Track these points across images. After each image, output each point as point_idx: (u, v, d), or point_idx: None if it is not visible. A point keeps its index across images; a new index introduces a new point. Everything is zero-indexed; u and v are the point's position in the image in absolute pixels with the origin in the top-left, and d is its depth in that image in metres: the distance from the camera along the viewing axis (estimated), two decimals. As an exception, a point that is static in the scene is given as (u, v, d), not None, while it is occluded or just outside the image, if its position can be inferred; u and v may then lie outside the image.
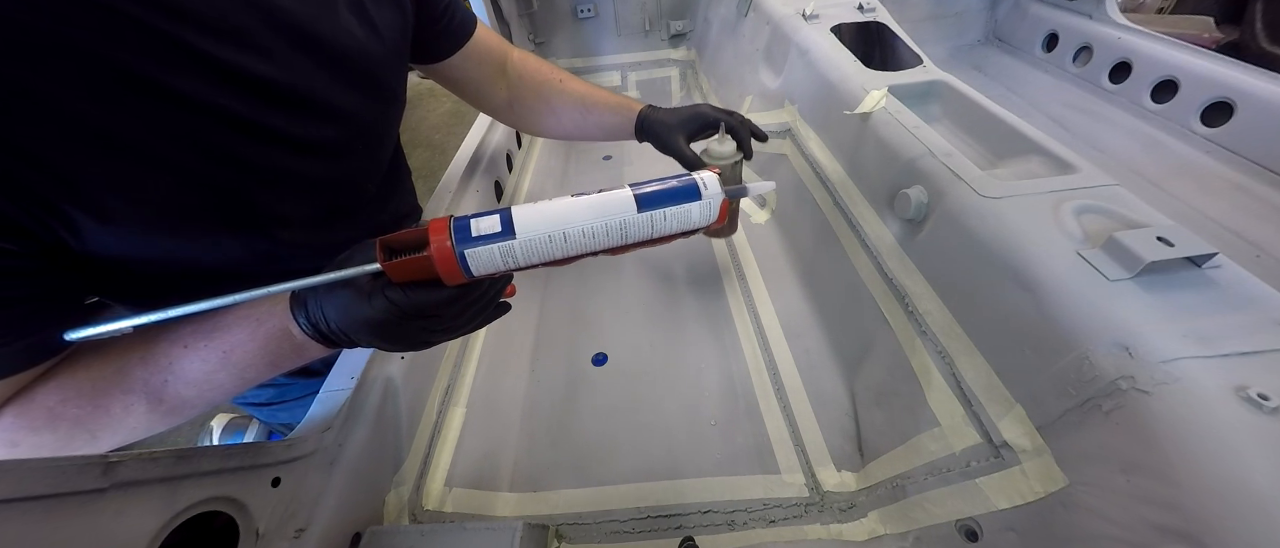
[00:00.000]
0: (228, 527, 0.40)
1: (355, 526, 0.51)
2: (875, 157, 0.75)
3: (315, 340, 0.40)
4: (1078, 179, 0.56)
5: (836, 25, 1.03)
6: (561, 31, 1.76)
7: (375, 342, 0.39)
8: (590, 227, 0.36)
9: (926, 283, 0.62)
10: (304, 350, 0.42)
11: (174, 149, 0.38)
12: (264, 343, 0.40)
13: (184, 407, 0.41)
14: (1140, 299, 0.43)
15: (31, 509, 0.28)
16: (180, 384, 0.40)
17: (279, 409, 0.72)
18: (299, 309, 0.39)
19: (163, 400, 0.40)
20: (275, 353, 0.41)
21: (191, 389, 0.40)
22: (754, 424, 0.73)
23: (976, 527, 0.49)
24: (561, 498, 0.67)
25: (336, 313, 0.38)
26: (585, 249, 0.37)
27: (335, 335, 0.39)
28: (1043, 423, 0.45)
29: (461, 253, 0.34)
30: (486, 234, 0.34)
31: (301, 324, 0.39)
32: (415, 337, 0.40)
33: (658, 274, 1.01)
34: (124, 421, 0.39)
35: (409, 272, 0.34)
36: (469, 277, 0.35)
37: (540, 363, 0.85)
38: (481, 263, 0.34)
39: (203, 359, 0.40)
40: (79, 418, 0.38)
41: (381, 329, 0.37)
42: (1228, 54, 1.09)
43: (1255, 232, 0.92)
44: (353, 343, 0.40)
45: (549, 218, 0.35)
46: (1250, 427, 0.34)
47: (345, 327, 0.38)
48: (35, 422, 0.36)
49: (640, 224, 0.37)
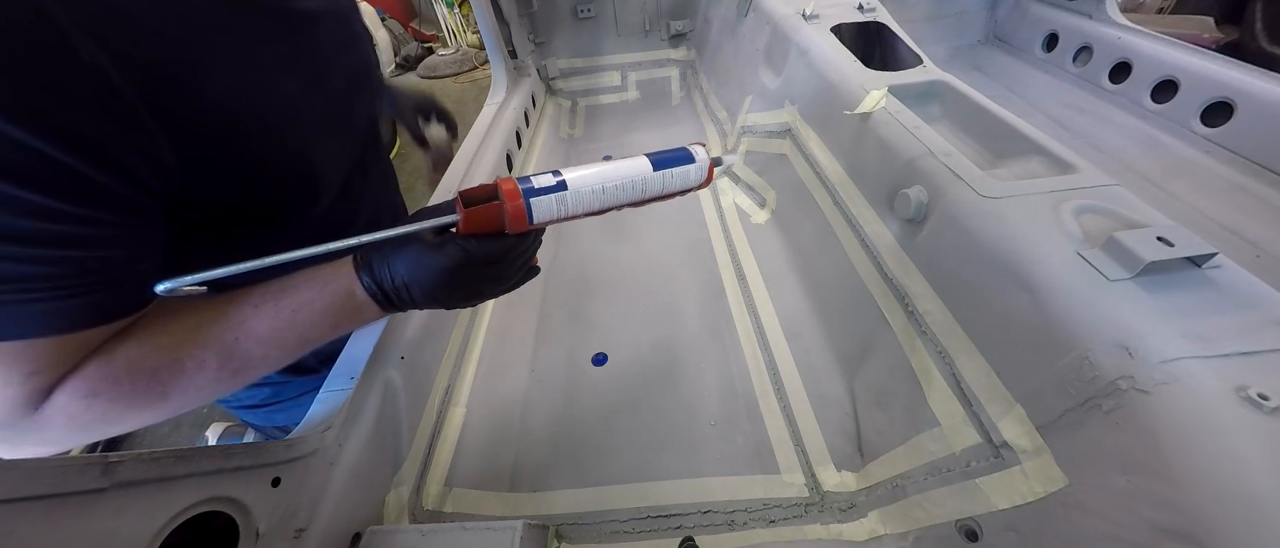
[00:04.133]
0: (228, 527, 0.40)
1: (355, 526, 0.51)
2: (875, 157, 0.75)
3: (376, 301, 0.43)
4: (1078, 179, 0.56)
5: (836, 25, 1.03)
6: (561, 31, 1.76)
7: (437, 295, 0.43)
8: (621, 181, 0.44)
9: (926, 283, 0.62)
10: (363, 312, 0.44)
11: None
12: (329, 303, 0.43)
13: (250, 365, 0.42)
14: (1140, 299, 0.43)
15: (31, 509, 0.28)
16: (249, 342, 0.41)
17: (275, 410, 0.72)
18: (363, 269, 0.43)
19: (232, 357, 0.41)
20: (338, 313, 0.44)
21: (259, 347, 0.42)
22: (754, 424, 0.73)
23: (976, 527, 0.49)
24: (561, 498, 0.67)
25: (407, 266, 0.42)
26: (617, 201, 0.45)
27: (397, 292, 0.43)
28: (1043, 423, 0.45)
29: (528, 202, 0.40)
30: (545, 187, 0.41)
31: (365, 283, 0.43)
32: (476, 287, 0.44)
33: (658, 274, 1.01)
34: (195, 378, 0.40)
35: (482, 220, 0.40)
36: (530, 224, 0.42)
37: (540, 363, 0.85)
38: (542, 211, 0.41)
39: (272, 317, 0.42)
40: (155, 371, 0.38)
41: (451, 277, 0.41)
42: (1228, 54, 1.09)
43: (1255, 232, 0.93)
44: (410, 302, 0.44)
45: (591, 175, 0.43)
46: (1250, 427, 0.34)
47: (414, 279, 0.42)
48: (115, 373, 0.37)
49: (655, 181, 0.45)
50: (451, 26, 4.32)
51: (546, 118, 1.62)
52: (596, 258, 1.08)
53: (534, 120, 1.52)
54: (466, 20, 4.29)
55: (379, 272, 0.43)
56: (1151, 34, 1.24)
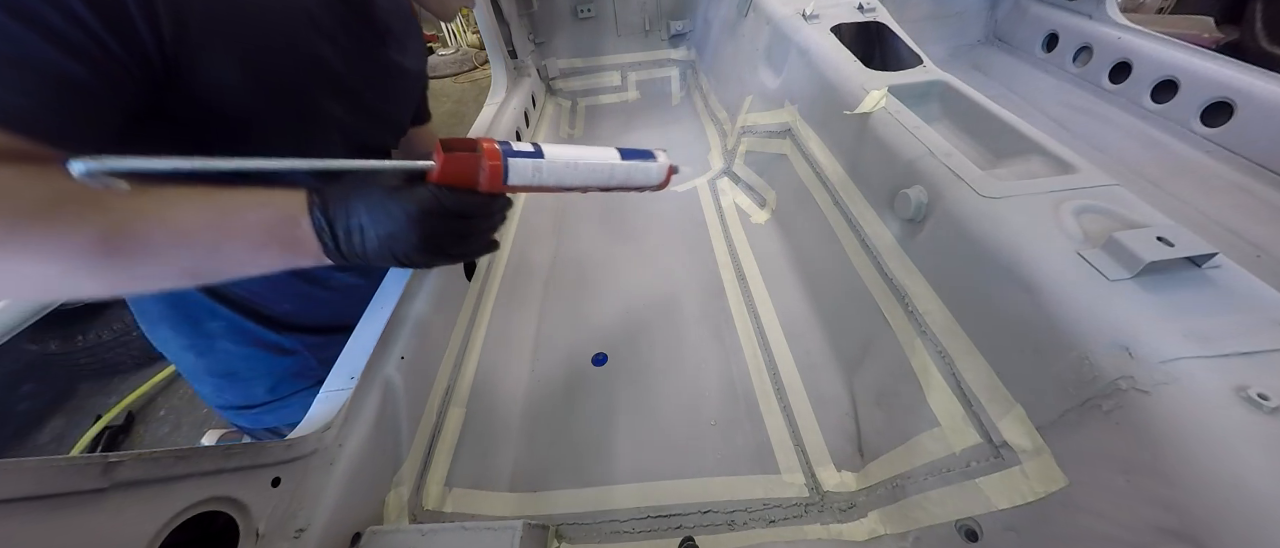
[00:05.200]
0: (228, 527, 0.40)
1: (355, 526, 0.51)
2: (875, 157, 0.75)
3: (320, 239, 0.40)
4: (1078, 179, 0.56)
5: (836, 25, 1.03)
6: (561, 31, 1.76)
7: (393, 243, 0.40)
8: (593, 162, 0.47)
9: (926, 283, 0.62)
10: (300, 247, 0.40)
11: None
12: (266, 222, 0.39)
13: (144, 252, 0.36)
14: (1140, 299, 0.43)
15: (31, 509, 0.28)
16: (151, 223, 0.35)
17: (264, 412, 0.72)
18: (317, 204, 0.40)
19: (123, 231, 0.35)
20: (271, 237, 0.39)
21: (160, 234, 0.36)
22: (754, 425, 0.73)
23: (976, 527, 0.49)
24: (561, 498, 0.67)
25: (368, 206, 0.39)
26: (586, 181, 0.48)
27: (350, 233, 0.40)
28: (1043, 423, 0.45)
29: (506, 161, 0.41)
30: (523, 151, 0.43)
31: (315, 217, 0.39)
32: (437, 241, 0.42)
33: (658, 274, 1.01)
34: (67, 233, 0.33)
35: (459, 169, 0.41)
36: (505, 184, 0.42)
37: (540, 363, 0.85)
38: (518, 173, 0.43)
39: (194, 211, 0.37)
40: (37, 206, 0.32)
41: (415, 225, 0.40)
42: (1228, 54, 1.09)
43: (1255, 232, 0.92)
44: (360, 249, 0.40)
45: (566, 150, 0.46)
46: (1250, 427, 0.34)
47: (373, 221, 0.39)
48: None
49: (621, 170, 0.49)
50: (451, 26, 4.32)
51: (546, 118, 1.62)
52: (596, 258, 1.08)
53: (534, 120, 1.52)
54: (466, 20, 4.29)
55: (335, 208, 0.40)
56: (1151, 34, 1.24)
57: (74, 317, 1.78)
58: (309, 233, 0.40)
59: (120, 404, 1.83)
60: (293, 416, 0.69)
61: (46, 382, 1.95)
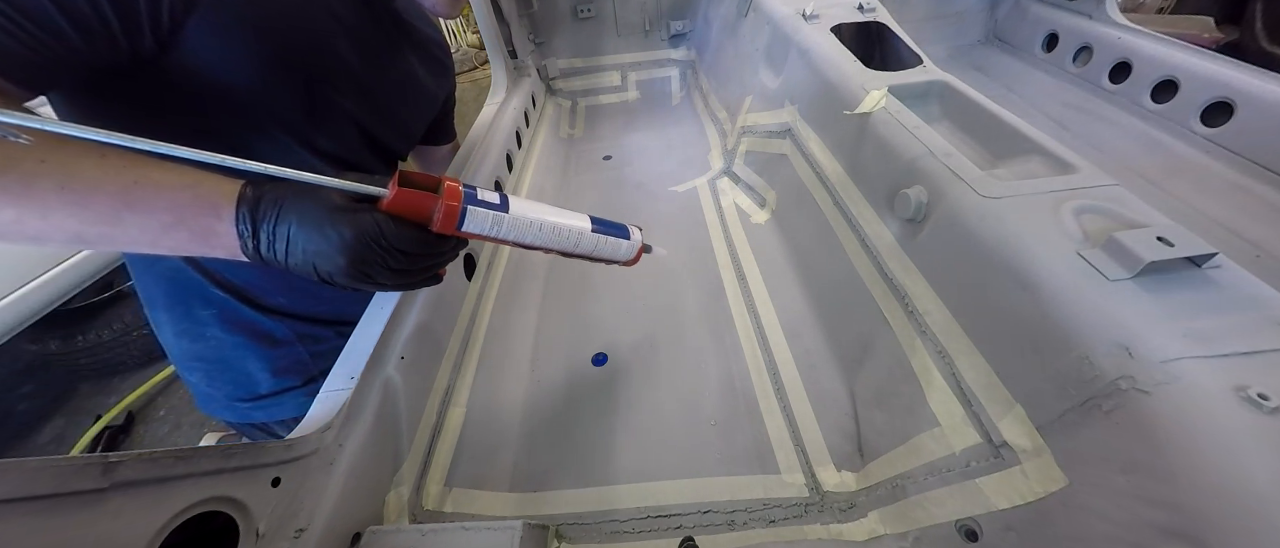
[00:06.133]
0: (228, 527, 0.40)
1: (355, 526, 0.51)
2: (875, 156, 0.75)
3: (239, 238, 0.38)
4: (1078, 179, 0.56)
5: (836, 25, 1.03)
6: (561, 31, 1.76)
7: (319, 261, 0.38)
8: (558, 227, 0.46)
9: (926, 283, 0.62)
10: (211, 238, 0.38)
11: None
12: (182, 200, 0.37)
13: (40, 206, 0.34)
14: (1140, 299, 0.43)
15: (31, 509, 0.28)
16: (55, 179, 0.33)
17: (252, 407, 0.72)
18: (247, 201, 0.38)
19: (29, 191, 0.33)
20: (184, 216, 0.37)
21: (60, 191, 0.34)
22: (754, 424, 0.73)
23: (976, 527, 0.49)
24: (561, 498, 0.67)
25: (301, 220, 0.37)
26: (547, 244, 0.46)
27: (274, 239, 0.38)
28: (1043, 423, 0.45)
29: (466, 206, 0.40)
30: (487, 201, 0.41)
31: (241, 212, 0.37)
32: (367, 270, 0.40)
33: (658, 274, 1.01)
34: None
35: (411, 204, 0.39)
36: (458, 230, 0.41)
37: (540, 363, 0.85)
38: (474, 222, 0.41)
39: (104, 172, 0.35)
40: None
41: (350, 249, 0.38)
42: (1228, 54, 1.09)
43: (1255, 232, 0.92)
44: (282, 257, 0.38)
45: (532, 209, 0.44)
46: (1250, 427, 0.34)
47: (303, 236, 0.37)
48: None
49: (588, 241, 0.49)
50: (451, 26, 4.32)
51: (546, 118, 1.62)
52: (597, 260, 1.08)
53: (534, 120, 1.52)
54: (466, 20, 4.29)
55: (264, 211, 0.38)
56: (1151, 34, 1.24)
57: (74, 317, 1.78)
58: (228, 227, 0.38)
59: (120, 404, 1.83)
60: (282, 413, 0.69)
61: (46, 382, 1.95)
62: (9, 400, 1.91)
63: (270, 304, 0.66)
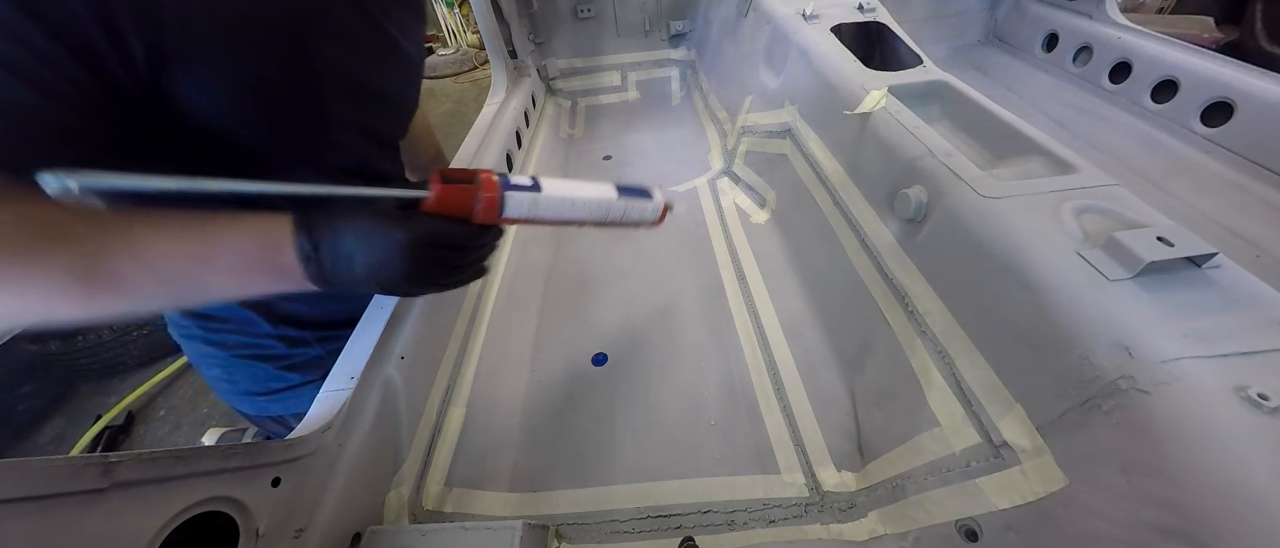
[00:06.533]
0: (228, 527, 0.40)
1: (355, 526, 0.51)
2: (875, 156, 0.75)
3: (305, 266, 0.39)
4: (1078, 179, 0.56)
5: (836, 25, 1.03)
6: (561, 31, 1.76)
7: (383, 272, 0.39)
8: (589, 199, 0.47)
9: (926, 283, 0.62)
10: (285, 275, 0.39)
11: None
12: (248, 252, 0.38)
13: (117, 288, 0.35)
14: (1140, 299, 0.43)
15: (31, 509, 0.28)
16: (127, 259, 0.34)
17: (270, 400, 0.72)
18: (302, 229, 0.38)
19: (97, 270, 0.34)
20: (255, 267, 0.39)
21: (137, 270, 0.35)
22: (754, 424, 0.73)
23: (976, 527, 0.49)
24: (561, 498, 0.67)
25: (358, 235, 0.38)
26: (581, 217, 0.48)
27: (338, 262, 0.38)
28: (1043, 423, 0.45)
29: (504, 195, 0.42)
30: (521, 184, 0.43)
31: (301, 244, 0.38)
32: (427, 271, 0.41)
33: (658, 274, 1.01)
34: (37, 275, 0.33)
35: (455, 200, 0.40)
36: (501, 216, 0.42)
37: (540, 363, 0.85)
38: (514, 206, 0.43)
39: (172, 243, 0.36)
40: (6, 242, 0.32)
41: (407, 254, 0.38)
42: (1228, 54, 1.09)
43: (1255, 232, 0.92)
44: (347, 277, 0.39)
45: (564, 185, 0.46)
46: (1250, 427, 0.34)
47: (362, 249, 0.38)
48: None
49: (618, 207, 0.50)
50: (451, 26, 4.32)
51: (546, 118, 1.62)
52: (596, 258, 1.08)
53: (534, 120, 1.52)
54: (466, 20, 4.29)
55: (320, 235, 0.38)
56: (1151, 34, 1.24)
57: (74, 317, 1.77)
58: (293, 260, 0.39)
59: (120, 404, 1.83)
60: (300, 405, 0.69)
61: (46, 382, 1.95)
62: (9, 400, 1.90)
63: (288, 311, 0.66)
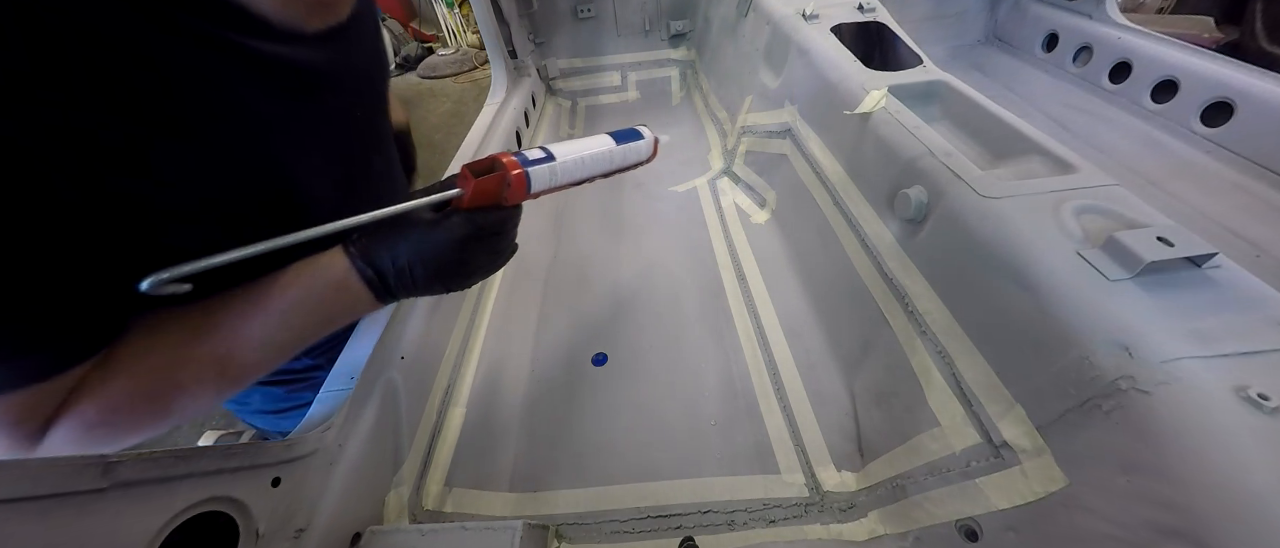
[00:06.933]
0: (228, 527, 0.40)
1: (355, 526, 0.51)
2: (875, 157, 0.75)
3: (371, 288, 0.42)
4: (1078, 179, 0.56)
5: (836, 25, 1.03)
6: (561, 31, 1.76)
7: (443, 273, 0.42)
8: (595, 154, 0.49)
9: (926, 283, 0.62)
10: (358, 304, 0.44)
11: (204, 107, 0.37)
12: (321, 298, 0.42)
13: (247, 372, 0.42)
14: (1140, 299, 0.43)
15: (31, 509, 0.28)
16: (243, 351, 0.41)
17: (284, 417, 0.72)
18: (358, 257, 0.42)
19: (229, 367, 0.41)
20: (331, 307, 0.43)
21: (253, 353, 0.41)
22: (754, 424, 0.73)
23: (976, 527, 0.49)
24: (561, 498, 0.67)
25: (411, 246, 0.41)
26: (591, 172, 0.50)
27: (400, 274, 0.42)
28: (1043, 423, 0.45)
29: (527, 172, 0.43)
30: (538, 158, 0.44)
31: (361, 270, 0.42)
32: (478, 261, 0.44)
33: (658, 274, 1.01)
34: (196, 393, 0.40)
35: (487, 191, 0.42)
36: (528, 193, 0.44)
37: (540, 363, 0.85)
38: (537, 180, 0.44)
39: (262, 324, 0.41)
40: (153, 395, 0.38)
41: (458, 251, 0.42)
42: (1228, 54, 1.09)
43: (1255, 232, 0.93)
44: (411, 285, 0.43)
45: (572, 148, 0.48)
46: (1250, 427, 0.34)
47: (419, 258, 0.41)
48: (114, 404, 0.37)
49: (619, 154, 0.52)
50: (451, 26, 4.32)
51: (546, 118, 1.62)
52: (596, 258, 1.08)
53: (534, 120, 1.52)
54: (466, 20, 4.29)
55: (377, 256, 0.41)
56: (1151, 34, 1.24)
57: (74, 317, 1.77)
58: (361, 289, 0.42)
59: (120, 404, 1.83)
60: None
61: (46, 382, 1.95)
62: (9, 400, 1.90)
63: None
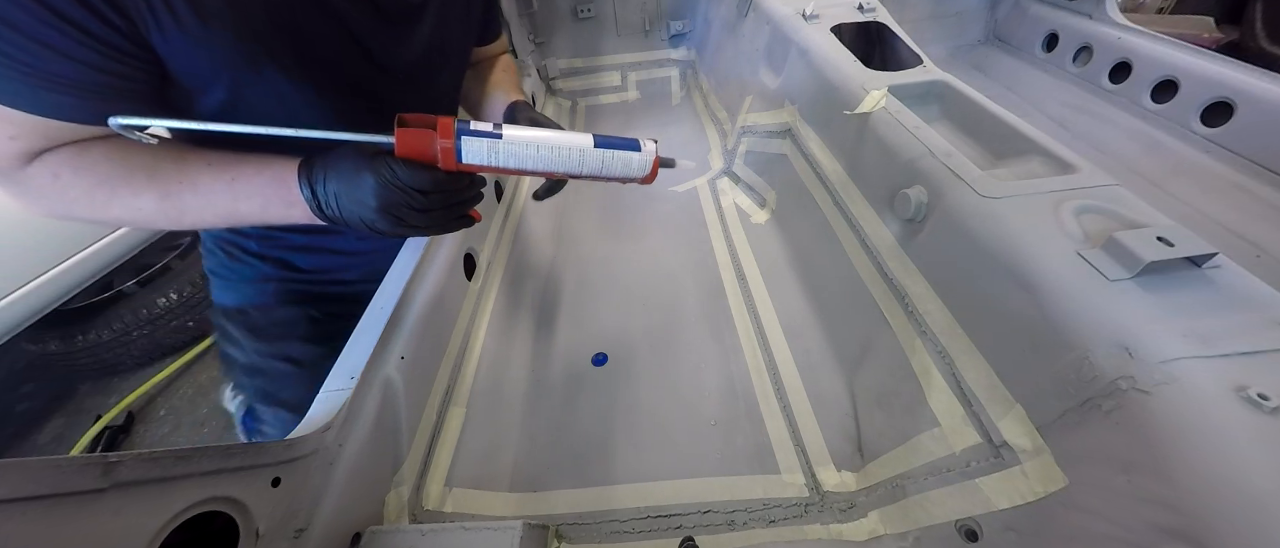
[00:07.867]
0: (228, 527, 0.40)
1: (355, 526, 0.51)
2: (875, 157, 0.75)
3: (307, 201, 0.47)
4: (1078, 179, 0.56)
5: (836, 25, 1.03)
6: (561, 31, 1.76)
7: (360, 210, 0.46)
8: (557, 147, 0.45)
9: (926, 283, 0.62)
10: (292, 209, 0.49)
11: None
12: (264, 186, 0.48)
13: (185, 213, 0.49)
14: (1140, 299, 0.43)
15: (31, 509, 0.28)
16: (186, 192, 0.48)
17: (230, 286, 0.75)
18: (304, 171, 0.47)
19: (170, 199, 0.47)
20: (268, 196, 0.49)
21: (195, 198, 0.48)
22: (754, 424, 0.73)
23: (976, 527, 0.49)
24: (561, 498, 0.67)
25: (339, 176, 0.46)
26: (551, 167, 0.46)
27: (326, 198, 0.47)
28: (1043, 423, 0.45)
29: (459, 139, 0.42)
30: (480, 131, 0.43)
31: (302, 183, 0.47)
32: (399, 213, 0.46)
33: (658, 274, 1.01)
34: (136, 201, 0.47)
35: (413, 145, 0.42)
36: (459, 162, 0.43)
37: (540, 363, 0.85)
38: (472, 152, 0.43)
39: (210, 178, 0.48)
40: (109, 179, 0.45)
41: (375, 195, 0.44)
42: (1228, 54, 1.09)
43: (1255, 232, 0.93)
44: (336, 213, 0.47)
45: (529, 133, 0.45)
46: (1250, 427, 0.34)
47: (342, 189, 0.45)
48: (79, 165, 0.44)
49: (593, 158, 0.46)
50: (451, 26, 4.31)
51: (546, 118, 1.62)
52: (596, 258, 1.08)
53: (534, 120, 1.52)
54: (466, 20, 4.28)
55: (315, 175, 0.46)
56: (1151, 34, 1.24)
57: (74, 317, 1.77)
58: (297, 195, 0.47)
59: (120, 404, 1.83)
60: (242, 297, 0.76)
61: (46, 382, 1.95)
62: (9, 400, 1.90)
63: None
